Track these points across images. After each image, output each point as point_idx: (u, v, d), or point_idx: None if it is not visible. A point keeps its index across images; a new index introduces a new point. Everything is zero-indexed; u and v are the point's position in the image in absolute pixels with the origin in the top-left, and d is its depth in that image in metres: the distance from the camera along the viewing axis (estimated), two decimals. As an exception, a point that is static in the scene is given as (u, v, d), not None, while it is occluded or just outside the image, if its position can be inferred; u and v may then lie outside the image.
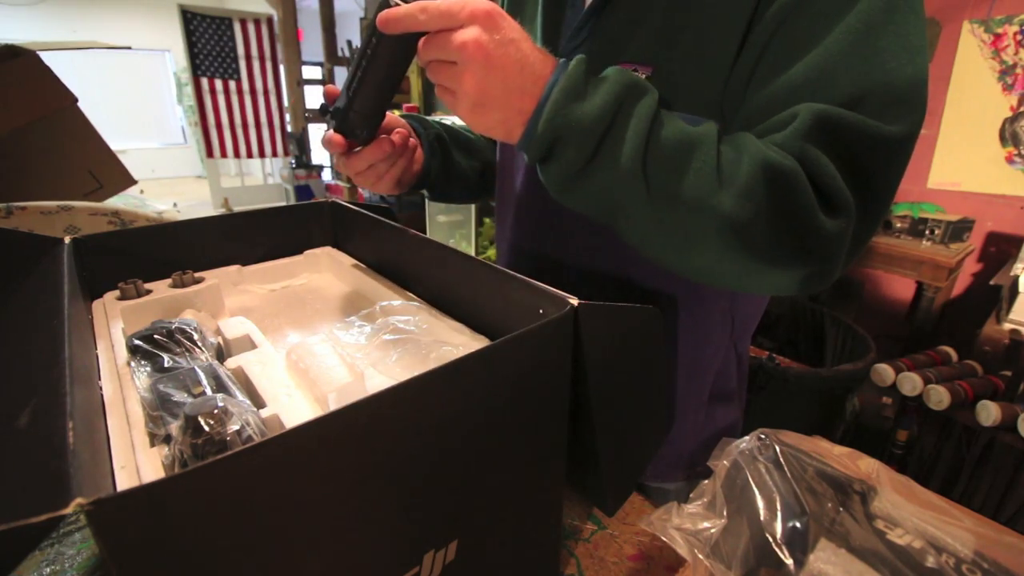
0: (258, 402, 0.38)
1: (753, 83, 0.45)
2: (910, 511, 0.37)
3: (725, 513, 0.37)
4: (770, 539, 0.35)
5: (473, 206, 2.95)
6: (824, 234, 0.39)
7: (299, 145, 4.58)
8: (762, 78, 0.44)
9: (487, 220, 3.03)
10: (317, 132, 4.72)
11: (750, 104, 0.45)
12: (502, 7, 0.65)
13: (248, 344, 0.45)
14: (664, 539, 0.36)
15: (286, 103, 4.53)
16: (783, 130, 0.41)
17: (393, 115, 0.60)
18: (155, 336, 0.42)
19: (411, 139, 0.62)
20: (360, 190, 3.65)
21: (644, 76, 0.50)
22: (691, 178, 0.39)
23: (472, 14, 0.38)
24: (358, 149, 0.54)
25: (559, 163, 0.40)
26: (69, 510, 0.18)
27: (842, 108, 0.40)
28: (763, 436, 0.41)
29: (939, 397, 1.33)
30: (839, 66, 0.40)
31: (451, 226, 3.25)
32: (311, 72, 4.63)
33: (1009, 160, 1.86)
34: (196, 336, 0.43)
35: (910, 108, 0.40)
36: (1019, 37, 1.78)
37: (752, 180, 0.39)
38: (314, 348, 0.42)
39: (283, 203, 4.80)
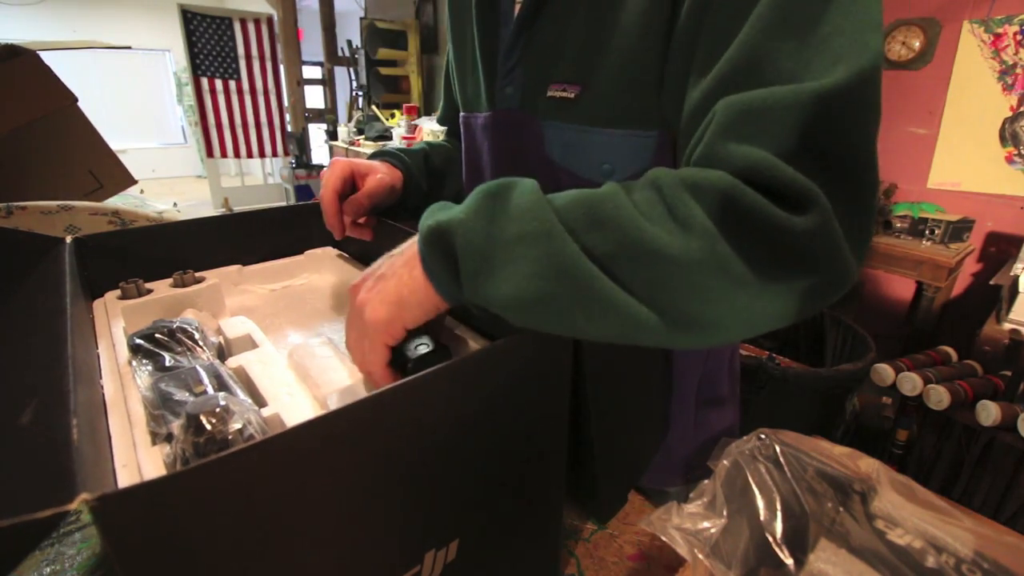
0: (259, 401, 0.38)
1: (689, 87, 0.41)
2: (910, 511, 0.37)
3: (725, 513, 0.37)
4: (770, 539, 0.35)
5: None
6: (799, 235, 0.30)
7: (299, 145, 4.58)
8: (695, 81, 0.40)
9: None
10: (317, 132, 4.72)
11: (687, 110, 0.40)
12: (448, 32, 0.66)
13: (249, 343, 0.45)
14: (664, 539, 0.36)
15: (286, 103, 4.53)
16: (704, 137, 0.35)
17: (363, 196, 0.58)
18: (156, 335, 0.42)
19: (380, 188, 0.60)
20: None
21: (573, 95, 0.50)
22: (622, 229, 0.32)
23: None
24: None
25: (460, 255, 0.33)
26: (74, 506, 0.18)
27: (759, 88, 0.34)
28: (763, 436, 0.41)
29: (939, 397, 1.33)
30: (763, 48, 0.34)
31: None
32: (311, 72, 4.63)
33: (1009, 160, 1.86)
34: (197, 335, 0.43)
35: (847, 52, 0.32)
36: (1019, 37, 1.79)
37: (684, 209, 0.32)
38: (315, 350, 0.42)
39: (283, 203, 4.80)
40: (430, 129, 3.06)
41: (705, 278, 0.31)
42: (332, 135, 4.25)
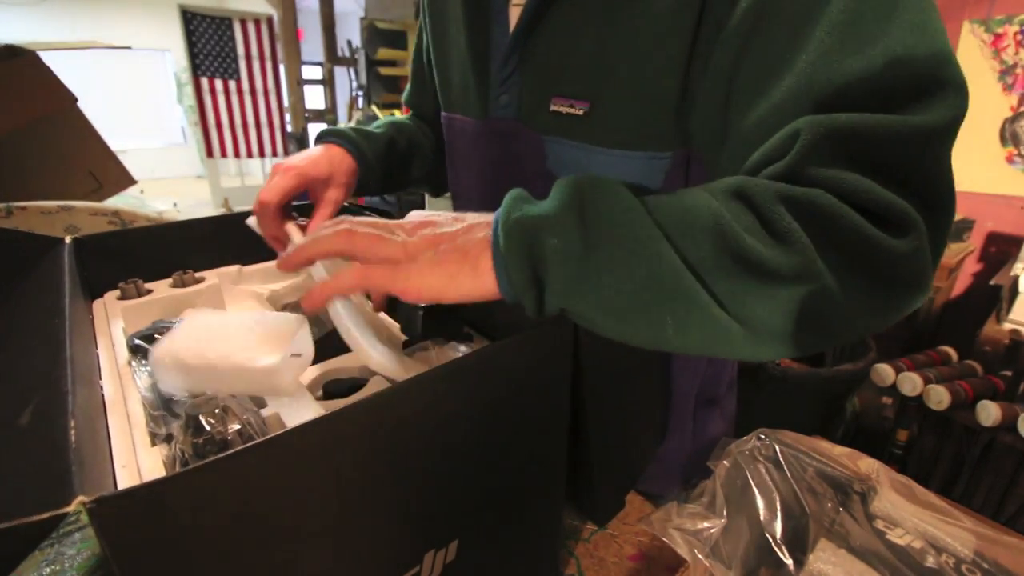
0: (259, 401, 0.38)
1: (734, 111, 0.39)
2: (910, 511, 0.37)
3: (725, 513, 0.37)
4: (770, 539, 0.35)
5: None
6: (899, 257, 0.31)
7: (299, 145, 4.58)
8: (745, 103, 0.38)
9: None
10: (317, 132, 4.71)
11: (738, 135, 0.39)
12: (424, 19, 0.61)
13: (249, 344, 0.45)
14: (664, 539, 0.36)
15: (286, 103, 4.53)
16: (784, 157, 0.34)
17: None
18: (156, 336, 0.42)
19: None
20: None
21: (581, 112, 0.47)
22: (719, 238, 0.31)
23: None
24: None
25: (549, 259, 0.31)
26: (71, 508, 0.18)
27: (850, 112, 0.33)
28: (763, 436, 0.41)
29: (939, 397, 1.33)
30: (833, 66, 0.33)
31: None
32: (311, 72, 4.63)
33: (1009, 160, 1.86)
34: (197, 336, 0.43)
35: (938, 89, 0.32)
36: (1019, 37, 1.79)
37: (781, 223, 0.31)
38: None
39: (283, 203, 4.79)
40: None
41: (801, 294, 0.31)
42: (332, 135, 4.23)
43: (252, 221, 0.54)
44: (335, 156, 0.57)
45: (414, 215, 0.36)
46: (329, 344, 0.43)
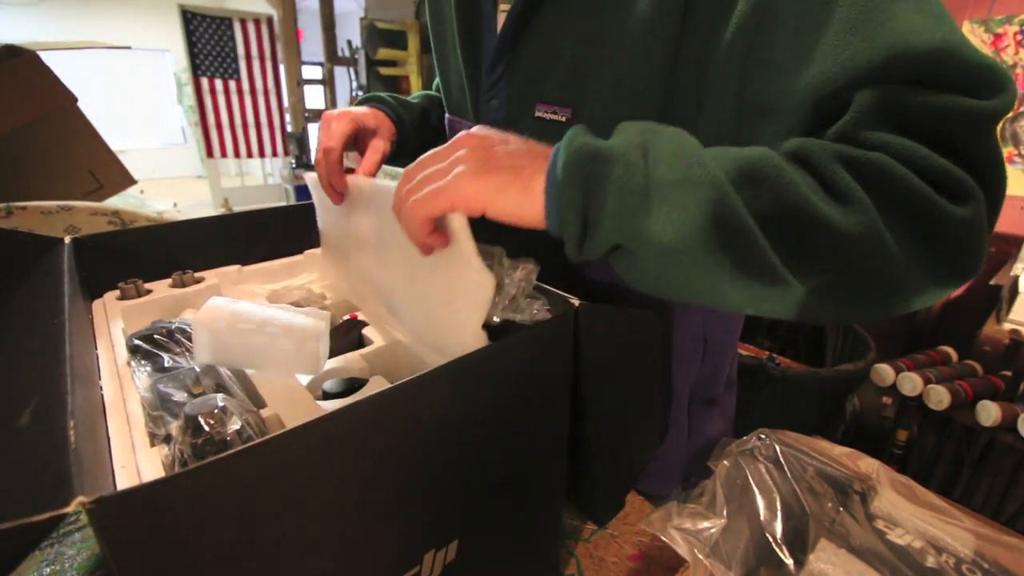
0: (258, 402, 0.38)
1: (772, 90, 0.37)
2: (910, 511, 0.37)
3: (725, 513, 0.37)
4: (770, 539, 0.35)
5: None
6: (957, 222, 0.31)
7: (299, 145, 4.58)
8: (786, 79, 0.36)
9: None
10: (317, 132, 4.71)
11: (785, 108, 0.37)
12: (428, 18, 0.62)
13: (248, 344, 0.45)
14: (664, 539, 0.36)
15: (286, 103, 4.53)
16: (837, 121, 0.34)
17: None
18: (155, 336, 0.42)
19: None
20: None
21: (564, 118, 0.47)
22: (781, 191, 0.31)
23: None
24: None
25: (608, 191, 0.31)
26: (71, 508, 0.18)
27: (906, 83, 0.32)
28: (763, 436, 0.41)
29: (939, 397, 1.33)
30: (904, 41, 0.32)
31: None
32: (311, 72, 4.63)
33: (1009, 160, 1.86)
34: (196, 336, 0.43)
35: (993, 78, 0.32)
36: (1019, 37, 1.79)
37: (842, 182, 0.31)
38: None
39: (283, 203, 4.80)
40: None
41: (860, 253, 0.30)
42: (332, 135, 4.23)
43: (310, 176, 0.57)
44: (379, 115, 0.59)
45: (475, 129, 0.37)
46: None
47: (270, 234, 0.66)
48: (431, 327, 0.43)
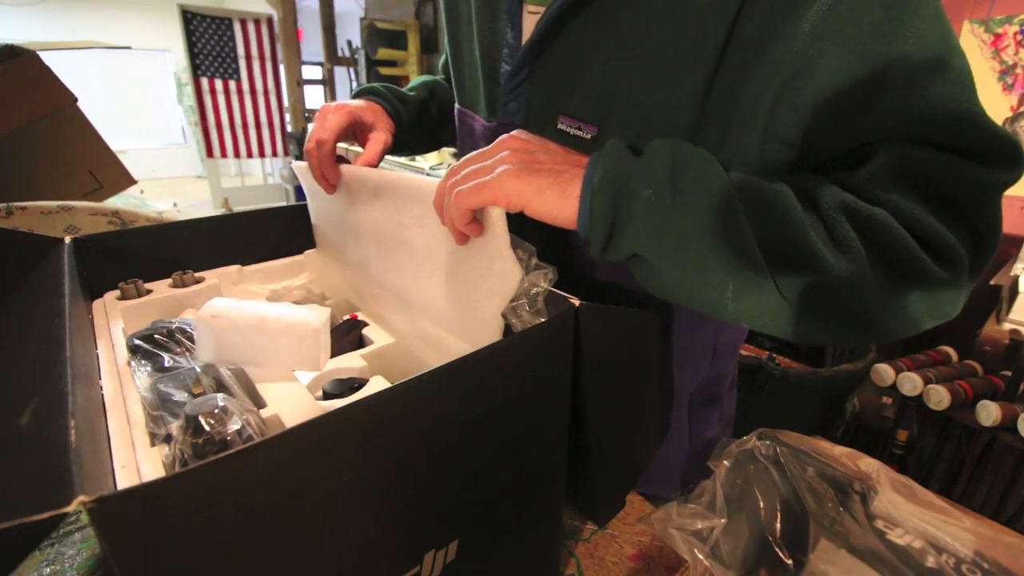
0: (258, 402, 0.38)
1: (809, 129, 0.39)
2: (910, 511, 0.37)
3: (725, 513, 0.37)
4: (770, 539, 0.35)
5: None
6: (937, 282, 0.35)
7: (299, 145, 4.57)
8: (832, 122, 0.38)
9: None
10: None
11: (816, 147, 0.40)
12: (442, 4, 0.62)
13: (248, 344, 0.45)
14: (664, 539, 0.36)
15: (286, 103, 4.53)
16: (856, 170, 0.37)
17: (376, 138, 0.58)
18: (155, 336, 0.42)
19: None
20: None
21: (589, 136, 0.46)
22: (788, 228, 0.35)
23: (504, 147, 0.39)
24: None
25: (637, 207, 0.35)
26: (71, 508, 0.18)
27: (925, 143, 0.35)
28: (763, 436, 0.41)
29: (939, 397, 1.33)
30: (922, 95, 0.35)
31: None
32: (311, 72, 4.63)
33: (1009, 160, 1.86)
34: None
35: (1007, 152, 0.35)
36: (1019, 37, 1.79)
37: (842, 232, 0.35)
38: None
39: (283, 203, 4.80)
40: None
41: (847, 295, 0.35)
42: (332, 135, 4.23)
43: (299, 165, 0.58)
44: (376, 109, 0.60)
45: (516, 132, 0.40)
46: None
47: (270, 234, 0.66)
48: (449, 310, 0.44)
